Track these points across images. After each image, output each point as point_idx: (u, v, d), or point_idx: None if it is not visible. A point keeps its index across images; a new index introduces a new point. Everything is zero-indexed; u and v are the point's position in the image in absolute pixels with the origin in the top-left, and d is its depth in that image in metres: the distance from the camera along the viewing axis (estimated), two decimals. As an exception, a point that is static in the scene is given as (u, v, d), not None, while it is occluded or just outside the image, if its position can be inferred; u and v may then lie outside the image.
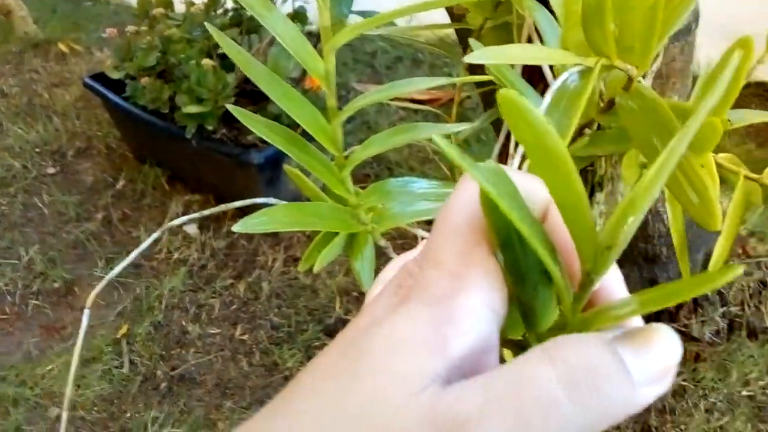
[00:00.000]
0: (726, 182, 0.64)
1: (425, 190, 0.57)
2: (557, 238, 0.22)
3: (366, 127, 1.99)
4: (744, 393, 1.27)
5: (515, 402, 0.19)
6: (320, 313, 1.51)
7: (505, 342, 0.23)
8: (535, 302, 0.22)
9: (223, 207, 0.71)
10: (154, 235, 0.72)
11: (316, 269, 0.56)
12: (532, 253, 0.21)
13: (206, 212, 0.71)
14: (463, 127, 0.55)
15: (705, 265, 1.27)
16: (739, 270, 0.18)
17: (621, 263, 0.22)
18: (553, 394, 0.18)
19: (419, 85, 0.52)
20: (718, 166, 0.64)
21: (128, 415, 1.36)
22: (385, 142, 0.55)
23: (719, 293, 1.27)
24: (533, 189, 0.22)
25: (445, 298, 0.21)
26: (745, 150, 1.89)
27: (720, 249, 0.68)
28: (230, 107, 0.53)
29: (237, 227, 0.50)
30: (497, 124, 0.87)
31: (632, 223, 0.19)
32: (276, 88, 0.51)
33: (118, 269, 0.69)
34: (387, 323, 0.22)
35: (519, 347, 0.23)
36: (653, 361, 0.19)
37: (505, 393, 0.19)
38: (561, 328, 0.22)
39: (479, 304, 0.21)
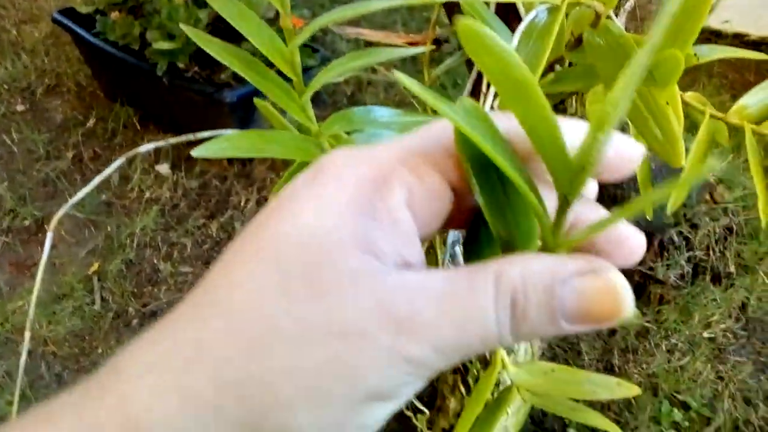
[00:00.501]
0: (692, 120, 0.65)
1: (388, 119, 0.56)
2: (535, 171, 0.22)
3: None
4: (705, 335, 1.31)
5: (461, 311, 0.19)
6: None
7: None
8: (517, 234, 0.22)
9: (188, 137, 0.70)
10: (118, 161, 0.71)
11: None
12: (511, 186, 0.21)
13: (172, 140, 0.70)
14: (418, 51, 0.55)
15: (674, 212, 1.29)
16: (716, 165, 0.18)
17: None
18: (489, 314, 0.19)
19: (379, 5, 0.51)
20: (685, 104, 0.64)
21: (100, 350, 1.36)
22: (344, 65, 0.54)
23: (685, 238, 1.29)
24: (513, 126, 0.22)
25: (372, 174, 0.21)
26: (719, 101, 1.90)
27: (682, 183, 0.69)
28: (184, 27, 0.51)
29: (196, 152, 0.49)
30: (470, 64, 0.86)
31: (602, 141, 0.19)
32: (249, 23, 0.50)
33: (81, 194, 0.68)
34: (310, 190, 0.21)
35: None
36: (592, 310, 0.20)
37: (456, 298, 0.20)
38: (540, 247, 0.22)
39: (402, 201, 0.21)
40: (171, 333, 0.21)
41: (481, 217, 0.22)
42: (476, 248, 0.24)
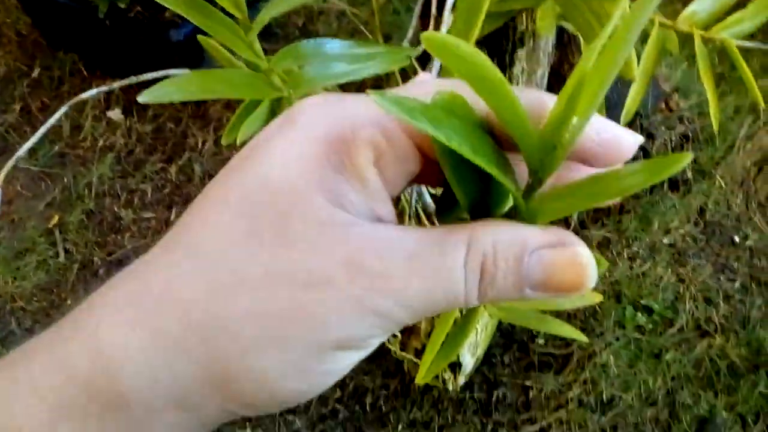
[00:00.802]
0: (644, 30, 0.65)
1: (339, 51, 0.55)
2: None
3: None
4: (665, 241, 1.35)
5: (431, 271, 0.20)
6: (256, 192, 1.51)
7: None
8: (488, 198, 0.23)
9: (130, 80, 0.68)
10: (62, 110, 0.69)
11: (239, 141, 0.55)
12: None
13: (116, 85, 0.68)
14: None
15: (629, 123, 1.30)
16: (688, 158, 0.18)
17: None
18: (458, 276, 0.20)
19: None
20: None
21: (69, 302, 1.35)
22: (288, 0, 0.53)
23: (642, 149, 1.31)
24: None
25: (341, 130, 0.21)
26: (672, 10, 1.90)
27: (633, 94, 0.69)
28: None
29: (142, 98, 0.48)
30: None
31: (578, 125, 0.19)
32: None
33: (27, 146, 0.67)
34: (280, 140, 0.21)
35: None
36: (557, 281, 0.21)
37: (427, 258, 0.20)
38: (512, 216, 0.23)
39: (369, 160, 0.21)
40: (142, 274, 0.22)
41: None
42: (450, 207, 0.25)
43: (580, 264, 0.21)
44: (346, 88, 0.56)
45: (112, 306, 0.22)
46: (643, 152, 1.34)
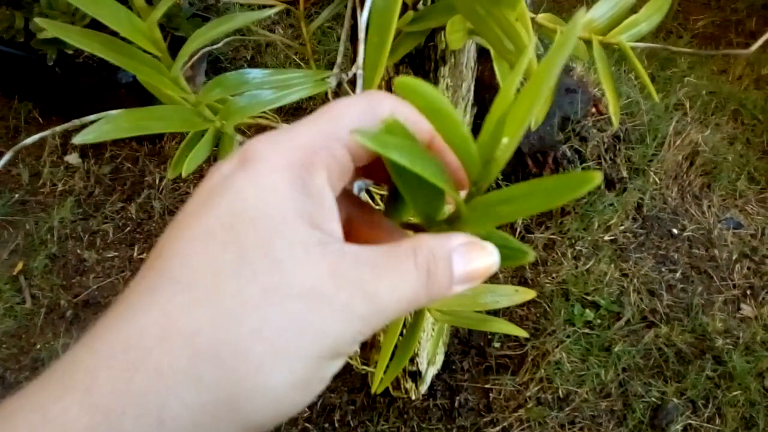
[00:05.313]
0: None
1: (261, 79, 0.58)
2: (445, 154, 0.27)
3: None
4: (606, 238, 1.40)
5: (394, 276, 0.24)
6: (215, 223, 1.54)
7: (405, 224, 0.30)
8: (430, 208, 0.28)
9: (73, 123, 0.72)
10: (6, 157, 0.73)
11: (184, 174, 0.59)
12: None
13: (58, 129, 0.72)
14: (271, 11, 0.58)
15: (561, 127, 1.36)
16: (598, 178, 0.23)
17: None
18: (413, 278, 0.24)
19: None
20: (538, 25, 0.69)
21: (38, 346, 1.38)
22: (206, 34, 0.56)
23: (577, 151, 1.37)
24: (418, 120, 0.26)
25: (298, 159, 0.24)
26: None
27: (542, 105, 0.75)
28: (38, 20, 0.53)
29: (79, 138, 0.51)
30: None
31: (508, 145, 0.24)
32: (102, 7, 0.51)
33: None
34: (244, 174, 0.23)
35: (416, 229, 0.29)
36: (471, 271, 0.25)
37: (388, 267, 0.24)
38: (452, 221, 0.27)
39: (325, 180, 0.24)
40: (131, 317, 0.22)
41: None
42: (397, 208, 0.30)
43: (489, 252, 0.26)
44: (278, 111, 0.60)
45: (106, 355, 0.21)
46: (578, 155, 1.40)
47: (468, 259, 0.25)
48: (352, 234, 0.27)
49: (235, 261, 0.22)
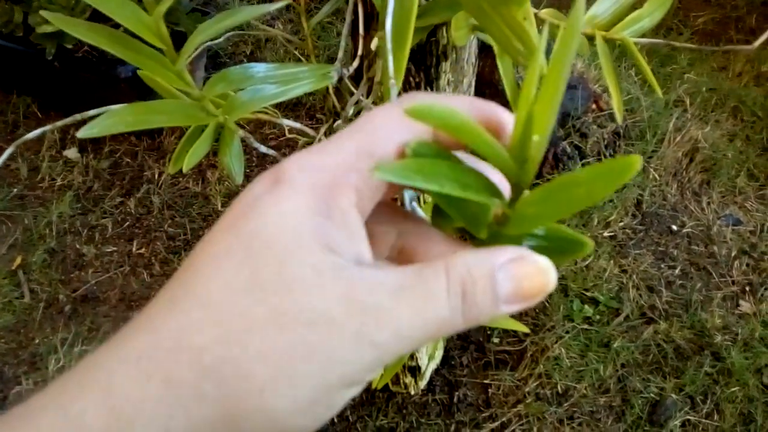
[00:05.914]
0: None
1: (265, 73, 0.58)
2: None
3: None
4: (606, 234, 1.41)
5: (419, 300, 0.22)
6: (214, 218, 1.54)
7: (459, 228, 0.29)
8: (474, 215, 0.27)
9: (74, 118, 0.72)
10: (8, 151, 0.73)
11: (185, 169, 0.59)
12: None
13: (59, 123, 0.72)
14: (275, 6, 0.58)
15: (562, 123, 1.36)
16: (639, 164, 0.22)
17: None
18: (443, 301, 0.23)
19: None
20: (542, 20, 0.69)
21: (37, 341, 1.38)
22: (210, 28, 0.56)
23: (577, 147, 1.37)
24: (475, 107, 0.25)
25: (325, 181, 0.24)
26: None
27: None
28: (43, 12, 0.53)
29: (82, 132, 0.51)
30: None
31: (539, 141, 0.24)
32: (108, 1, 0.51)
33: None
34: (270, 196, 0.23)
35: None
36: (522, 291, 0.23)
37: (412, 290, 0.23)
38: (502, 222, 0.26)
39: (351, 203, 0.24)
40: (150, 327, 0.23)
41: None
42: (445, 215, 0.29)
43: (541, 270, 0.23)
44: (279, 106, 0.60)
45: (123, 360, 0.22)
46: (578, 151, 1.40)
47: (516, 278, 0.23)
48: (405, 250, 0.26)
49: (247, 281, 0.22)
